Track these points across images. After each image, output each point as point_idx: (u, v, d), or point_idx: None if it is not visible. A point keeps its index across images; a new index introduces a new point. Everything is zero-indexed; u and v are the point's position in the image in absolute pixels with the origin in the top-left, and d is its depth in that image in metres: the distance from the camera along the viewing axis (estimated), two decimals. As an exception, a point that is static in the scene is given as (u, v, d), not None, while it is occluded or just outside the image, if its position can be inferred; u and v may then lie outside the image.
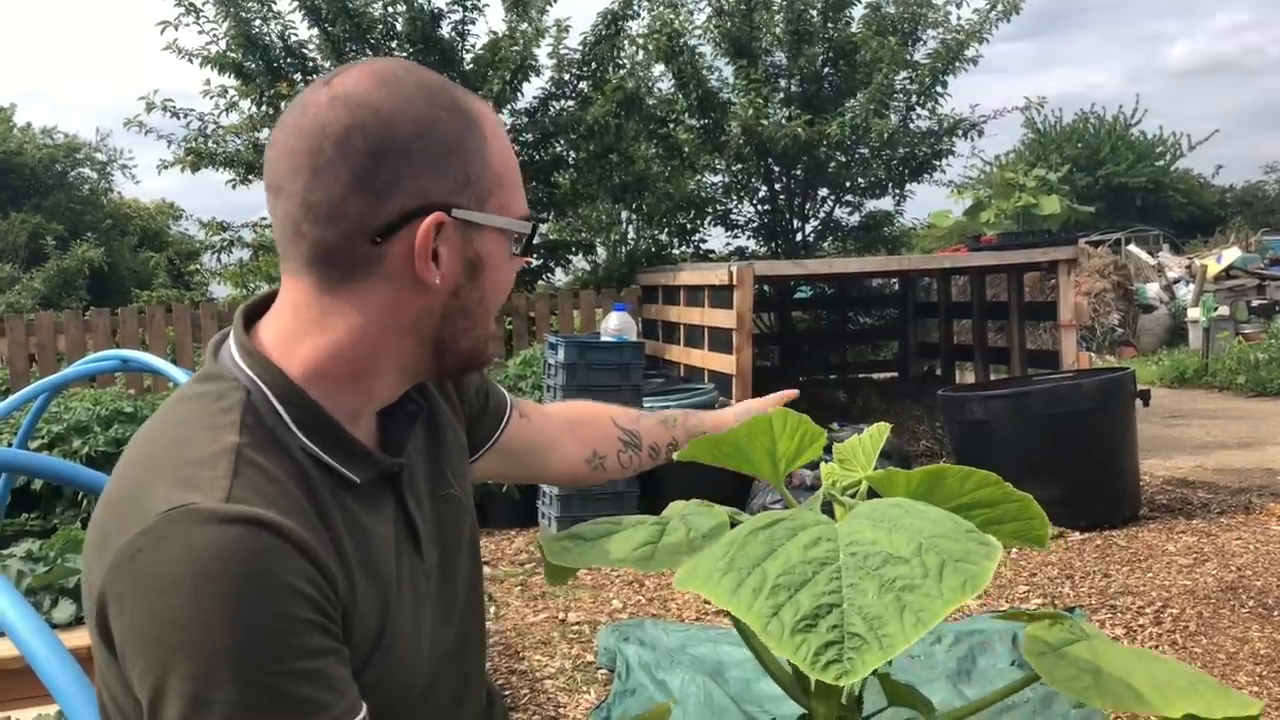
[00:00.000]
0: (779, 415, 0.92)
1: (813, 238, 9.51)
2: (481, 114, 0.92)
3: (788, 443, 0.94)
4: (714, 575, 0.71)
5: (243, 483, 0.80)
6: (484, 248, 0.92)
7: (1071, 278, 6.12)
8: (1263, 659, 3.26)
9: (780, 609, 0.67)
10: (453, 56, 7.95)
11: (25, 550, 3.01)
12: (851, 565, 0.68)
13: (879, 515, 0.74)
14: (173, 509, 0.77)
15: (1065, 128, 23.49)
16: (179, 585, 0.74)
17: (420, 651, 0.95)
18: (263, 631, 0.75)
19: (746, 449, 0.94)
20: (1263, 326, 11.60)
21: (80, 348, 6.73)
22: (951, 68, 8.80)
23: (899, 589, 0.66)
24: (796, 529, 0.74)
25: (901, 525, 0.72)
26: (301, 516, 0.82)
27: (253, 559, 0.76)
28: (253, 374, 0.89)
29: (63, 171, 20.61)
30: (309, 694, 0.76)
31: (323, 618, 0.79)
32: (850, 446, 1.00)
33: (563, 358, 4.90)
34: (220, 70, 7.78)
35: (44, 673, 1.00)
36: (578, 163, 8.41)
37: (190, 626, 0.74)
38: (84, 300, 14.24)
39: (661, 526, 0.96)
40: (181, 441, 0.85)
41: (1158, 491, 5.51)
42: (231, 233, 8.47)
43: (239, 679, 0.74)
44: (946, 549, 0.68)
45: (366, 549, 0.89)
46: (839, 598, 0.66)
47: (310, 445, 0.88)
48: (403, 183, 0.86)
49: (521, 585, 4.31)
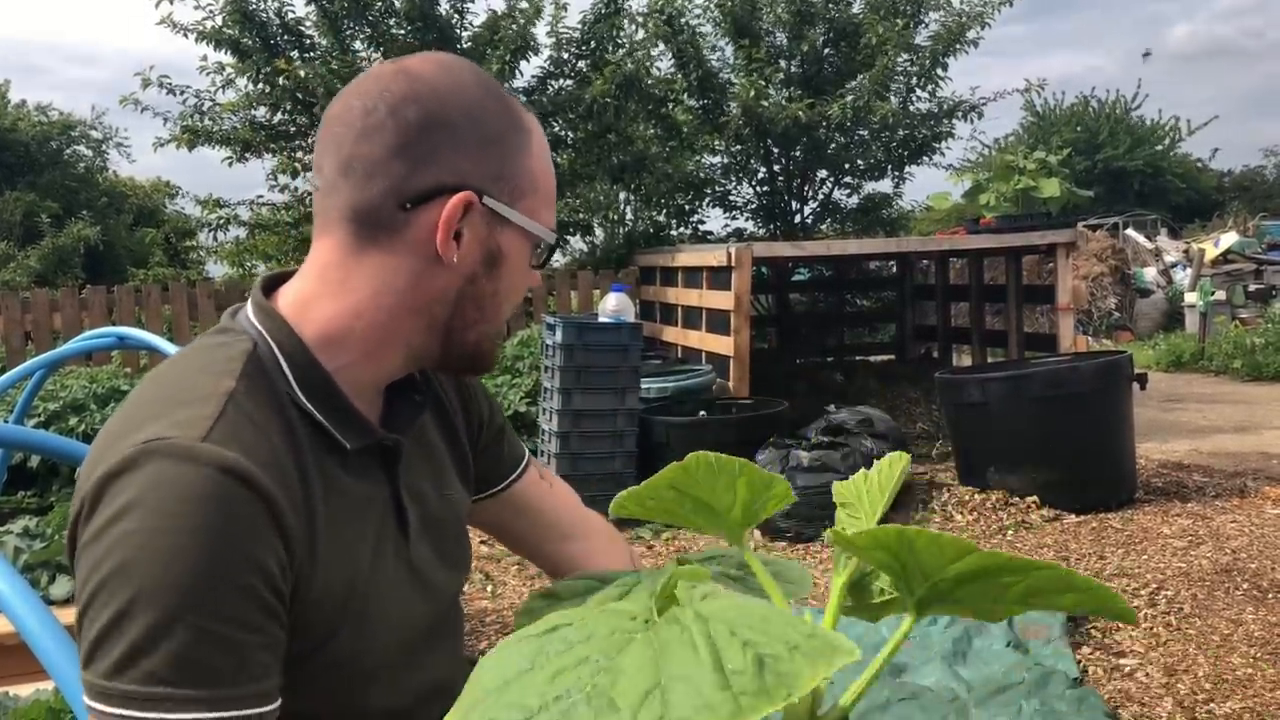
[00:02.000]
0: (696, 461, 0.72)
1: (811, 220, 9.49)
2: (531, 123, 0.96)
3: (727, 494, 0.74)
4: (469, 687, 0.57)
5: (224, 425, 0.81)
6: (506, 243, 0.93)
7: (1070, 261, 6.11)
8: (1257, 640, 3.28)
9: None
10: (451, 34, 7.90)
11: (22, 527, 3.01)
12: (583, 706, 0.52)
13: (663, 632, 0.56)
14: (151, 440, 0.78)
15: (1065, 111, 23.42)
16: (136, 514, 0.76)
17: (396, 631, 0.94)
18: (196, 581, 0.75)
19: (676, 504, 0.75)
20: (1259, 311, 11.61)
21: (76, 325, 6.71)
22: (952, 50, 8.76)
23: None
24: (575, 641, 0.57)
25: (669, 652, 0.54)
26: (277, 471, 0.82)
27: (215, 507, 0.77)
28: (263, 329, 0.91)
29: (58, 149, 20.47)
30: (219, 664, 0.75)
31: (268, 590, 0.79)
32: (854, 486, 0.79)
33: (560, 338, 4.90)
34: (217, 46, 7.72)
35: (39, 649, 0.99)
36: (576, 143, 8.37)
37: (134, 553, 0.75)
38: (80, 278, 14.19)
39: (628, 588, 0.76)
40: (180, 383, 0.87)
41: (1153, 475, 5.53)
42: (228, 210, 8.43)
43: (158, 620, 0.73)
44: (678, 700, 0.51)
45: (341, 515, 0.89)
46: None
47: (305, 403, 0.89)
48: (442, 157, 0.89)
49: (519, 564, 4.31)
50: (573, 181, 8.58)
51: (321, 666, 0.86)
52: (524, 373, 5.77)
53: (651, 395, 5.42)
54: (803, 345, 8.98)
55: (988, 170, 17.89)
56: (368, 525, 0.92)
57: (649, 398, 5.38)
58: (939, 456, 5.85)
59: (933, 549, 0.60)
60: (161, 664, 0.73)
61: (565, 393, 4.87)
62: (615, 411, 4.96)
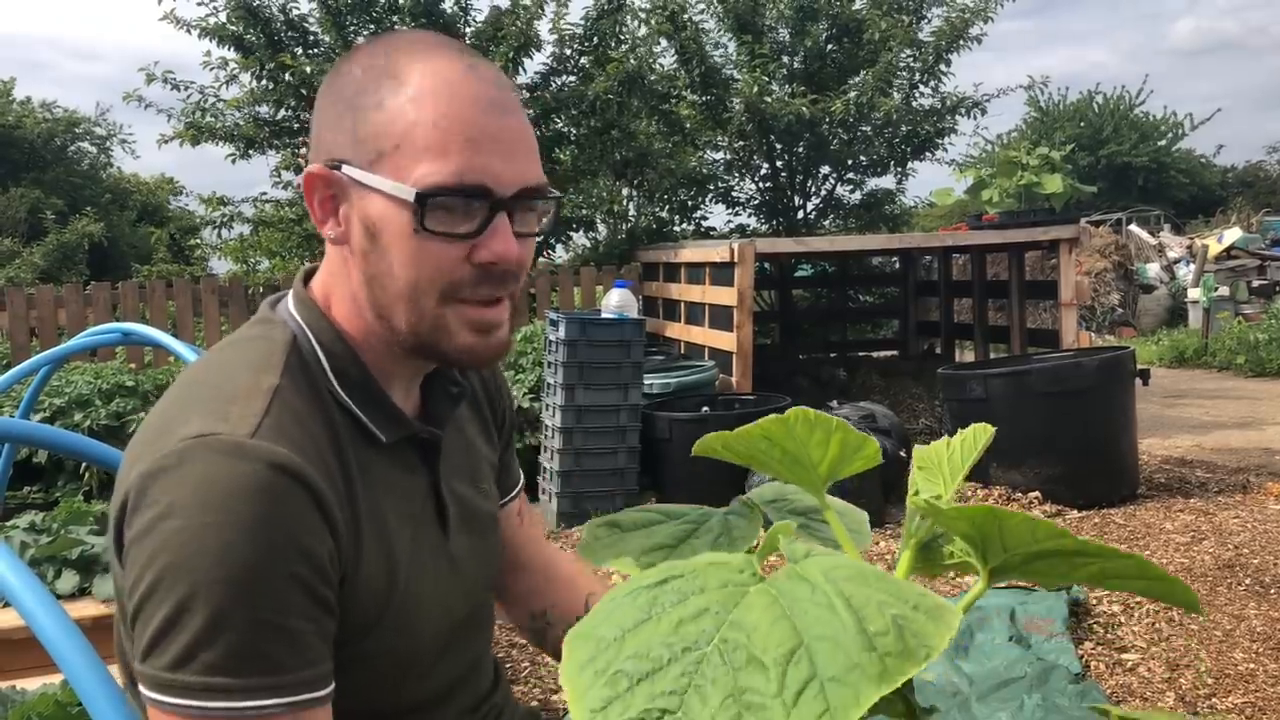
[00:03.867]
0: (797, 415, 0.75)
1: (814, 215, 9.48)
2: (408, 71, 0.86)
3: (821, 449, 0.76)
4: (578, 639, 0.56)
5: (272, 421, 0.81)
6: (375, 212, 0.87)
7: (1073, 257, 6.10)
8: (1259, 636, 3.28)
9: (610, 704, 0.52)
10: (454, 31, 7.90)
11: (28, 522, 3.02)
12: (716, 659, 0.52)
13: (786, 590, 0.56)
14: (199, 435, 0.79)
15: (1068, 107, 23.39)
16: (186, 510, 0.76)
17: (430, 624, 0.95)
18: (250, 574, 0.75)
19: (766, 453, 0.77)
20: (1263, 307, 11.59)
21: (81, 321, 6.73)
22: (955, 46, 8.75)
23: (744, 704, 0.50)
24: (689, 592, 0.57)
25: (798, 611, 0.54)
26: (322, 465, 0.83)
27: (265, 501, 0.77)
28: (301, 320, 0.92)
29: (62, 146, 20.52)
30: (278, 653, 0.76)
31: (319, 579, 0.80)
32: (935, 453, 0.80)
33: (564, 334, 4.90)
34: (220, 42, 7.73)
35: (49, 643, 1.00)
36: (579, 139, 8.37)
37: (185, 550, 0.75)
38: (84, 275, 14.23)
39: (696, 526, 0.81)
40: (225, 377, 0.87)
41: (1156, 470, 5.53)
42: (232, 208, 8.44)
43: (215, 613, 0.74)
44: (827, 660, 0.51)
45: (381, 508, 0.89)
46: (678, 702, 0.51)
47: (344, 396, 0.90)
48: (320, 140, 0.90)
49: (521, 560, 4.33)
50: (576, 177, 8.58)
51: (361, 655, 0.87)
52: (527, 369, 5.78)
53: (654, 391, 5.42)
54: (805, 341, 8.98)
55: (991, 166, 17.87)
56: (407, 518, 0.93)
57: (652, 393, 5.39)
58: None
59: (1024, 528, 0.63)
60: (221, 655, 0.75)
61: (568, 388, 4.88)
62: (618, 407, 4.97)
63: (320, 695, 0.79)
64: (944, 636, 0.53)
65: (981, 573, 0.67)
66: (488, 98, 0.87)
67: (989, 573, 0.67)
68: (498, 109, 0.87)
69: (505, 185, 0.86)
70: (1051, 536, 0.63)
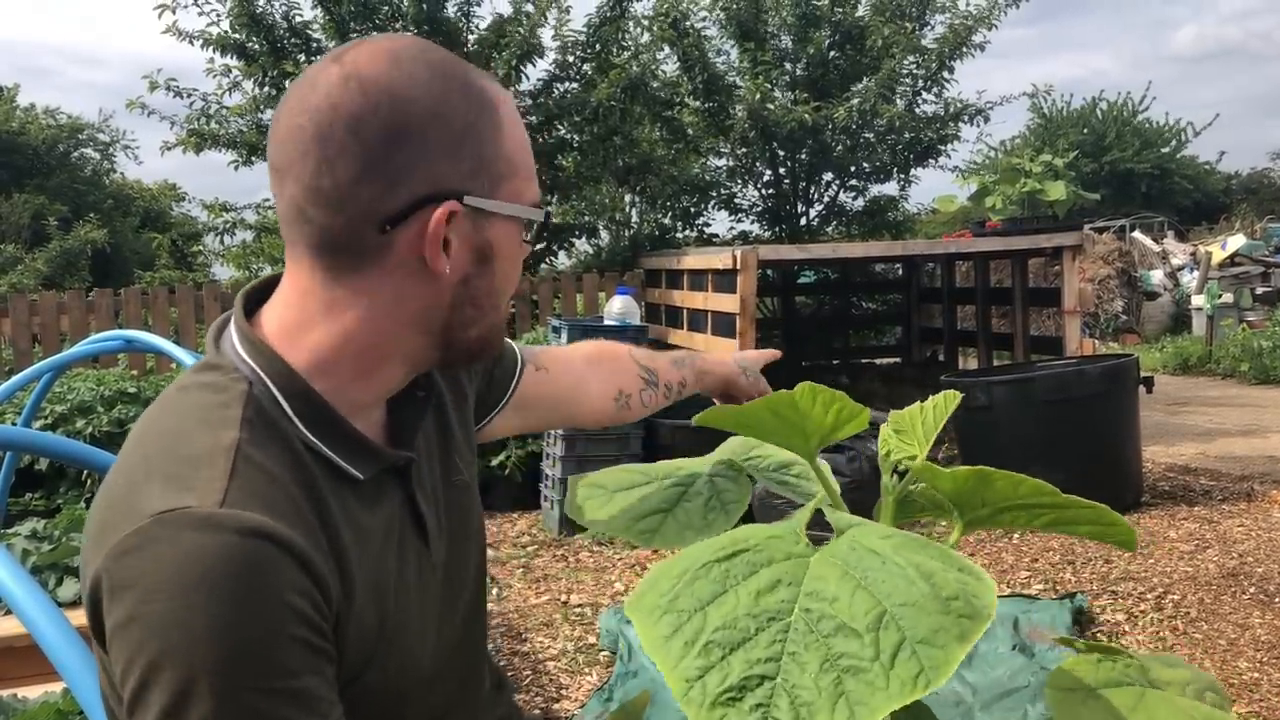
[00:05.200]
0: (804, 391, 0.80)
1: (817, 222, 9.48)
2: (497, 96, 0.89)
3: (820, 419, 0.81)
4: (655, 612, 0.60)
5: (239, 484, 0.78)
6: (495, 235, 0.88)
7: (1076, 264, 6.09)
8: (1263, 645, 3.27)
9: (708, 672, 0.56)
10: (457, 38, 7.91)
11: (30, 529, 3.02)
12: (802, 627, 0.57)
13: (855, 561, 0.61)
14: (166, 511, 0.75)
15: (1072, 113, 23.40)
16: (166, 592, 0.73)
17: (426, 644, 0.93)
18: (249, 647, 0.73)
19: (770, 424, 0.83)
20: (1267, 314, 11.58)
21: (83, 328, 6.73)
22: (959, 53, 8.76)
23: (842, 669, 0.55)
24: (758, 564, 0.62)
25: (873, 581, 0.59)
26: (299, 520, 0.79)
27: (246, 571, 0.74)
28: (255, 365, 0.86)
29: (65, 152, 20.57)
30: (290, 714, 0.74)
31: (314, 634, 0.77)
32: (910, 416, 0.86)
33: (566, 341, 4.90)
34: (223, 51, 7.75)
35: (50, 650, 1.00)
36: (581, 145, 8.37)
37: (175, 635, 0.72)
38: (87, 281, 14.24)
39: (684, 489, 0.86)
40: (179, 436, 0.82)
41: (1160, 478, 5.52)
42: (234, 214, 8.45)
43: (219, 693, 0.72)
44: (912, 624, 0.56)
45: (367, 546, 0.86)
46: (775, 668, 0.55)
47: (313, 440, 0.85)
48: (416, 169, 0.83)
49: (524, 567, 4.32)
50: (578, 184, 8.59)
51: (362, 688, 0.85)
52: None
53: (657, 398, 5.42)
54: (808, 348, 8.97)
55: (994, 173, 17.87)
56: (391, 546, 0.90)
57: (654, 401, 5.38)
58: (944, 459, 5.84)
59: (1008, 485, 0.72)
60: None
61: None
62: (621, 414, 4.97)
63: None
64: (993, 596, 0.59)
65: (957, 525, 0.75)
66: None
67: (964, 524, 0.75)
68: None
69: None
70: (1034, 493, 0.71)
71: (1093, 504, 0.71)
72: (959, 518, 0.74)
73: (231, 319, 0.90)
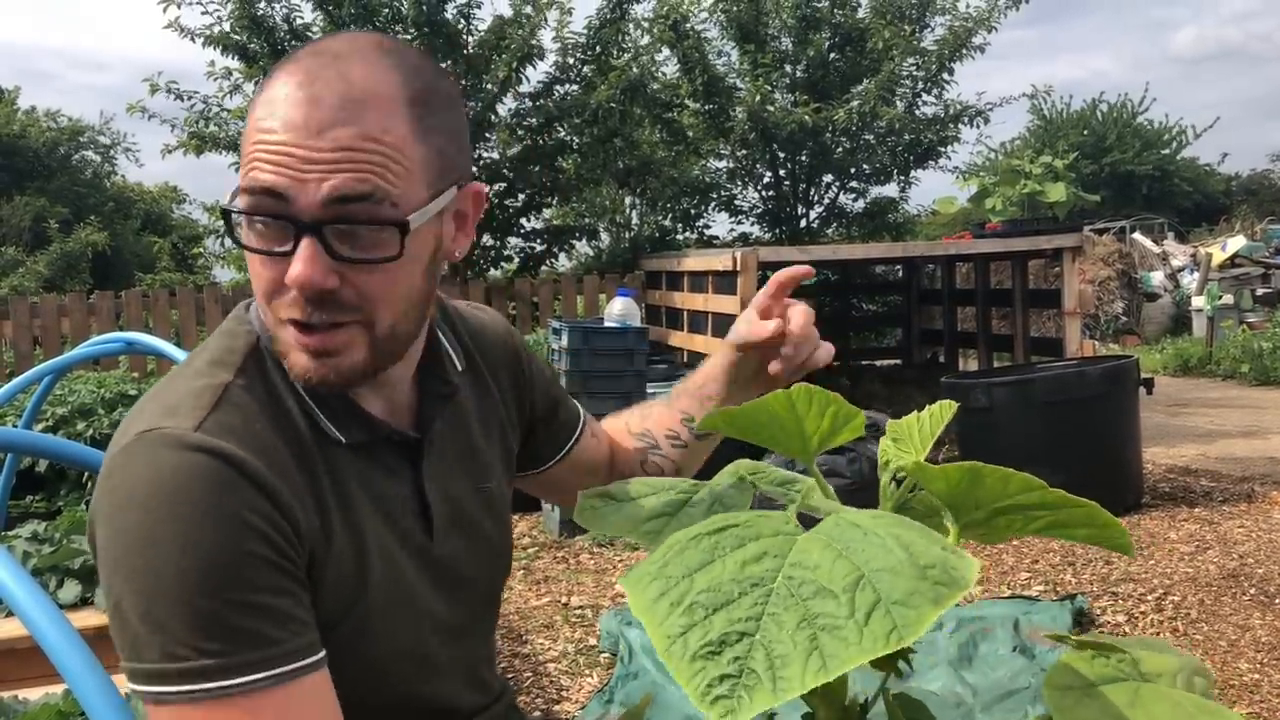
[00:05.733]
0: (800, 392, 0.81)
1: (817, 224, 9.48)
2: (269, 80, 0.85)
3: (816, 421, 0.83)
4: (645, 578, 0.63)
5: (218, 417, 0.83)
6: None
7: (1076, 265, 6.10)
8: (1264, 646, 3.27)
9: (690, 630, 0.58)
10: (457, 41, 7.92)
11: (31, 531, 3.02)
12: (784, 591, 0.60)
13: (838, 534, 0.64)
14: (146, 430, 0.81)
15: (1072, 115, 23.41)
16: (135, 505, 0.78)
17: (417, 626, 0.95)
18: (212, 559, 0.77)
19: (764, 426, 0.84)
20: (1267, 315, 11.58)
21: (84, 330, 6.74)
22: (958, 54, 8.76)
23: (819, 626, 0.57)
24: (746, 538, 0.65)
25: (854, 550, 0.62)
26: (268, 456, 0.84)
27: (207, 488, 0.79)
28: (266, 321, 0.91)
29: (66, 155, 20.60)
30: (258, 627, 0.77)
31: (278, 555, 0.81)
32: (907, 425, 0.89)
33: (567, 343, 4.91)
34: (224, 51, 7.76)
35: (52, 652, 1.00)
36: (581, 147, 8.38)
37: (144, 545, 0.77)
38: (88, 284, 14.25)
39: (687, 497, 0.89)
40: (183, 375, 0.89)
41: (1160, 479, 5.52)
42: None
43: (186, 602, 0.76)
44: (888, 587, 0.59)
45: (351, 505, 0.90)
46: (755, 626, 0.58)
47: (303, 396, 0.90)
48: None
49: (525, 569, 4.32)
50: (579, 186, 8.59)
51: (340, 647, 0.87)
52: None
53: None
54: (809, 350, 8.97)
55: (994, 175, 17.88)
56: (386, 520, 0.93)
57: (655, 402, 5.39)
58: (945, 461, 5.84)
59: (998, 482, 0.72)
60: (201, 639, 0.76)
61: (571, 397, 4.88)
62: (621, 416, 4.98)
63: (309, 663, 0.80)
64: (973, 571, 0.61)
65: (953, 530, 0.75)
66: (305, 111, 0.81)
67: (959, 529, 0.75)
68: (315, 122, 0.81)
69: (307, 203, 0.81)
70: (1024, 489, 0.71)
71: (1084, 502, 0.71)
72: (954, 521, 0.75)
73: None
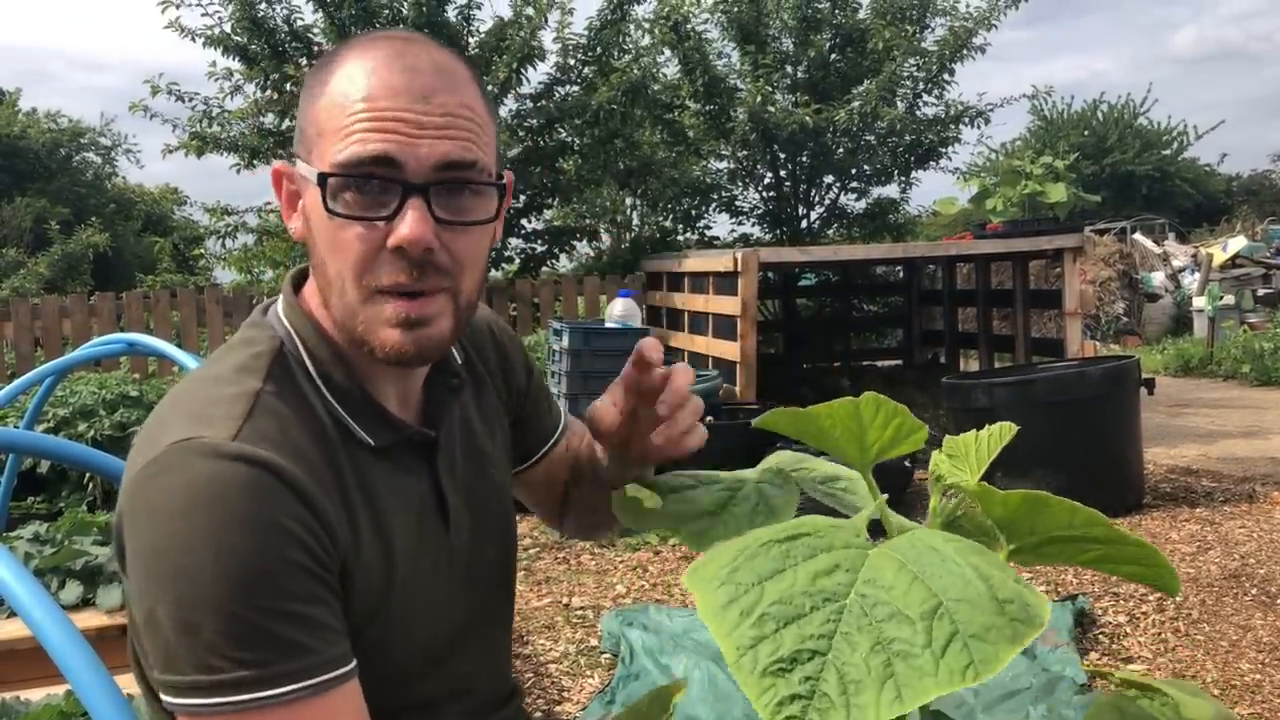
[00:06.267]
0: (868, 401, 0.82)
1: (818, 225, 9.49)
2: (335, 62, 0.89)
3: (879, 431, 0.83)
4: (713, 581, 0.62)
5: (253, 425, 0.83)
6: (307, 198, 0.90)
7: (1077, 266, 6.10)
8: (1265, 646, 3.27)
9: (760, 642, 0.57)
10: (459, 42, 7.92)
11: (32, 532, 3.02)
12: (856, 609, 0.58)
13: (913, 555, 0.63)
14: (181, 440, 0.81)
15: (1072, 115, 23.39)
16: (176, 513, 0.78)
17: (435, 623, 0.95)
18: (251, 568, 0.77)
19: (828, 431, 0.84)
20: (1268, 315, 11.57)
21: (85, 332, 6.74)
22: (959, 55, 8.77)
23: (893, 652, 0.56)
24: (818, 548, 0.63)
25: (930, 574, 0.61)
26: (305, 463, 0.84)
27: (248, 496, 0.78)
28: (290, 325, 0.92)
29: (67, 156, 20.60)
30: (295, 637, 0.77)
31: (315, 564, 0.81)
32: (964, 442, 0.88)
33: (568, 344, 4.91)
34: (225, 52, 7.76)
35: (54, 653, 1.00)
36: (582, 148, 8.39)
37: (181, 554, 0.77)
38: (89, 285, 14.26)
39: (732, 493, 0.87)
40: (210, 383, 0.88)
41: (1162, 480, 5.51)
42: (236, 218, 8.46)
43: (223, 611, 0.76)
44: (965, 619, 0.57)
45: (379, 508, 0.90)
46: (827, 645, 0.57)
47: (331, 401, 0.90)
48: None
49: (526, 570, 4.32)
50: (579, 187, 8.60)
51: (360, 650, 0.86)
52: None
53: (658, 400, 5.43)
54: (809, 350, 8.97)
55: (995, 175, 17.87)
56: (409, 519, 0.93)
57: (656, 403, 5.39)
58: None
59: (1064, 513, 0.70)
60: (239, 649, 0.76)
61: (572, 398, 4.88)
62: (622, 417, 4.98)
63: (344, 672, 0.80)
64: (1047, 610, 0.60)
65: (1003, 551, 0.74)
66: (407, 78, 0.85)
67: (1009, 552, 0.74)
68: (419, 88, 0.85)
69: (417, 166, 0.84)
70: (1088, 524, 0.70)
71: (1140, 540, 0.71)
72: (1005, 544, 0.74)
73: (281, 292, 0.97)
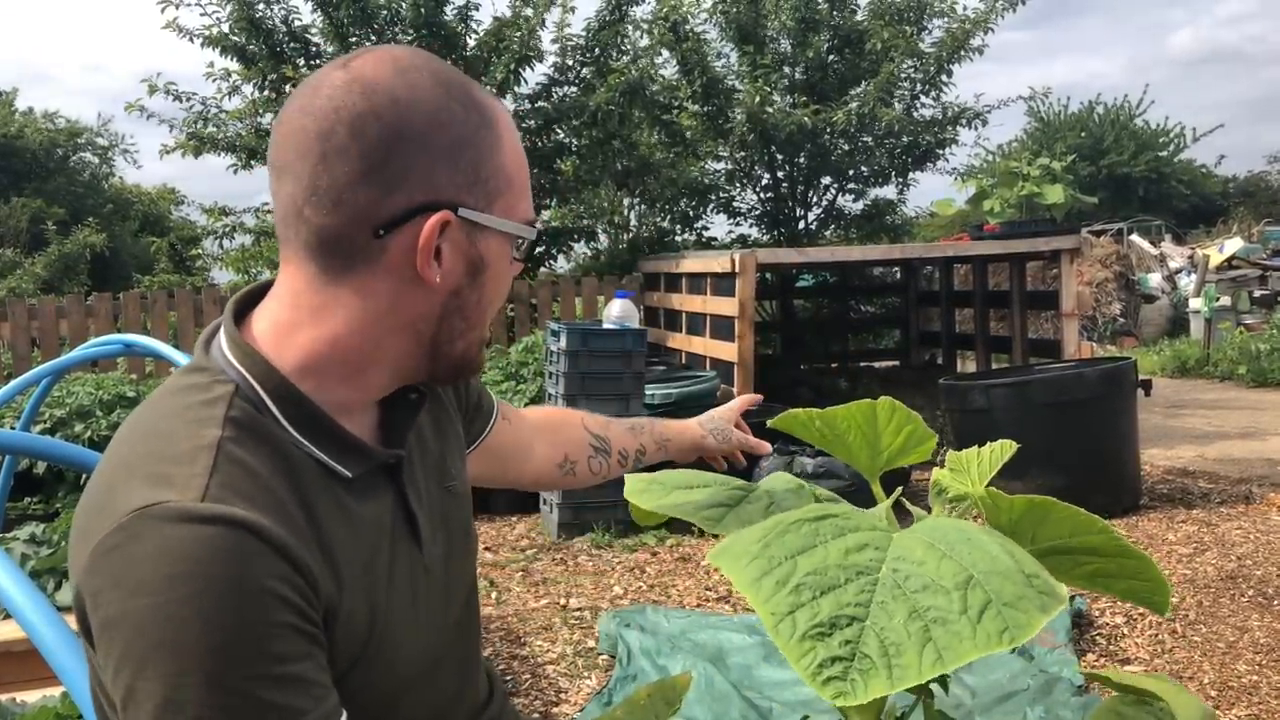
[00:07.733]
0: (884, 406, 0.83)
1: (815, 226, 9.49)
2: (496, 111, 0.90)
3: (892, 437, 0.86)
4: (743, 557, 0.64)
5: (220, 480, 0.78)
6: (487, 249, 0.89)
7: (1074, 267, 6.10)
8: (1262, 648, 3.27)
9: (798, 609, 0.60)
10: (456, 42, 7.92)
11: (29, 533, 3.02)
12: (889, 582, 0.61)
13: (939, 536, 0.65)
14: (146, 506, 0.75)
15: (1069, 117, 23.43)
16: (151, 586, 0.73)
17: (417, 644, 0.93)
18: (238, 636, 0.73)
19: (843, 434, 0.86)
20: (1264, 317, 11.58)
21: (82, 332, 6.73)
22: (957, 56, 8.77)
23: (930, 619, 0.58)
24: (845, 529, 0.66)
25: (958, 552, 0.63)
26: (282, 514, 0.80)
27: (227, 561, 0.74)
28: (241, 368, 0.86)
29: (64, 156, 20.59)
30: (286, 700, 0.74)
31: (302, 620, 0.77)
32: (967, 457, 0.91)
33: (565, 345, 4.90)
34: (223, 52, 7.76)
35: (49, 655, 1.00)
36: (580, 149, 8.38)
37: (163, 629, 0.72)
38: (86, 285, 14.25)
39: (744, 493, 0.91)
40: (162, 436, 0.82)
41: (1159, 481, 5.52)
42: (233, 218, 8.45)
43: (213, 684, 0.72)
44: (997, 589, 0.60)
45: (357, 544, 0.87)
46: (864, 612, 0.59)
47: (301, 439, 0.85)
48: (413, 175, 0.84)
49: (523, 571, 4.32)
50: (577, 187, 8.59)
51: (352, 687, 0.85)
52: (528, 379, 5.78)
53: (656, 401, 5.42)
54: (807, 351, 8.98)
55: (992, 176, 17.88)
56: (382, 544, 0.91)
57: (653, 404, 5.38)
58: (943, 463, 5.84)
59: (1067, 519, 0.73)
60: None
61: (570, 399, 4.87)
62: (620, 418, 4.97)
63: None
64: (1064, 590, 0.62)
65: None
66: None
67: None
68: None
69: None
70: (1087, 529, 0.72)
71: (1140, 554, 0.72)
72: None
73: (221, 326, 0.91)
